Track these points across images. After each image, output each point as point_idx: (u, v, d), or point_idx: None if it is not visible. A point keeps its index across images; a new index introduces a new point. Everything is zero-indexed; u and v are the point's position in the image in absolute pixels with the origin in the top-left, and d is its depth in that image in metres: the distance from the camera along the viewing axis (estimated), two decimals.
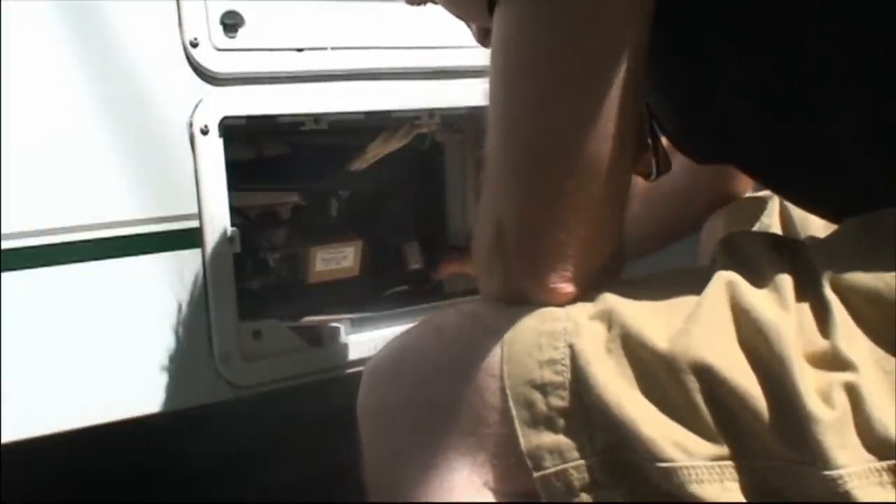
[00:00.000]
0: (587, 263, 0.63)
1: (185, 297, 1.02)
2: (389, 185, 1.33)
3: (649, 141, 0.71)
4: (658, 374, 0.58)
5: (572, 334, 0.60)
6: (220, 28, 1.03)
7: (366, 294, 1.28)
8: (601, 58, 0.61)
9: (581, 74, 0.61)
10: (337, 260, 1.24)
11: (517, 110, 0.63)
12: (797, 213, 0.95)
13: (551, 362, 0.60)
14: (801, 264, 0.61)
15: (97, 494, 1.29)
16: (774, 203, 0.97)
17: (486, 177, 0.66)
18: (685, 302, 0.60)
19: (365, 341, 1.16)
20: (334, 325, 1.16)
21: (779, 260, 0.62)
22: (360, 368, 0.69)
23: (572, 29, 0.61)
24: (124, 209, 0.98)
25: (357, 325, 1.20)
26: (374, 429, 0.67)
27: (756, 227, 0.97)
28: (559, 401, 0.60)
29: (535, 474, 0.60)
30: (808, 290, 0.59)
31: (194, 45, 1.01)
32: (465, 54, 1.19)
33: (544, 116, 0.62)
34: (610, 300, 0.61)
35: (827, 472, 0.54)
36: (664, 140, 0.73)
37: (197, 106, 1.02)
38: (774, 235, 0.82)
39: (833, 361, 0.56)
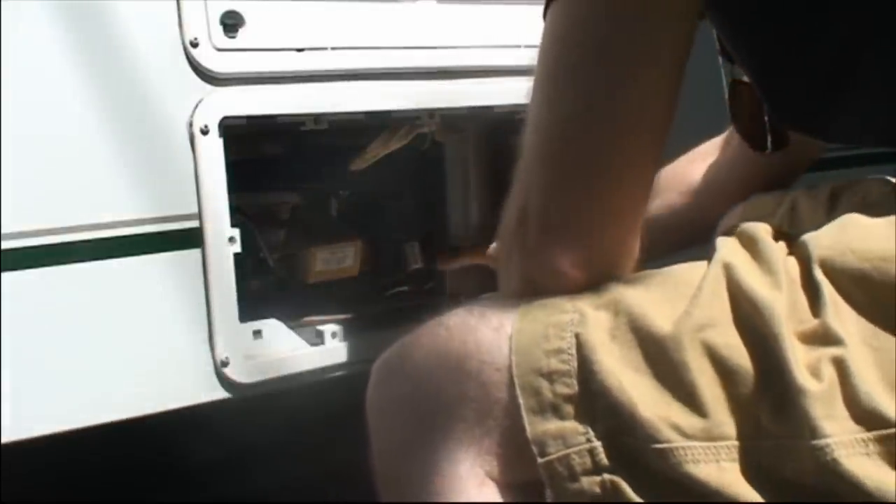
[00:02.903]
0: (603, 253, 0.66)
1: (185, 297, 1.02)
2: (389, 185, 1.33)
3: (765, 118, 0.75)
4: (660, 355, 0.60)
5: (578, 324, 0.62)
6: (220, 28, 1.03)
7: (366, 294, 1.28)
8: (649, 60, 0.64)
9: (628, 75, 0.64)
10: (337, 260, 1.24)
11: (561, 106, 0.66)
12: (806, 214, 0.94)
13: (558, 352, 0.61)
14: (796, 249, 0.63)
15: (97, 494, 1.30)
16: (786, 205, 0.97)
17: (519, 167, 0.68)
18: (689, 288, 0.62)
19: (365, 341, 1.16)
20: (334, 325, 1.16)
21: (775, 246, 0.64)
22: (361, 368, 0.69)
23: (623, 29, 0.63)
24: (124, 209, 0.98)
25: (357, 324, 1.19)
26: (382, 420, 0.68)
27: None
28: (565, 388, 0.61)
29: (539, 460, 0.61)
30: (800, 273, 0.62)
31: (194, 45, 1.01)
32: (465, 54, 1.19)
33: (586, 112, 0.65)
34: (617, 289, 0.63)
35: (814, 441, 0.55)
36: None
37: (197, 106, 1.02)
38: (773, 227, 0.83)
39: (822, 337, 0.58)
